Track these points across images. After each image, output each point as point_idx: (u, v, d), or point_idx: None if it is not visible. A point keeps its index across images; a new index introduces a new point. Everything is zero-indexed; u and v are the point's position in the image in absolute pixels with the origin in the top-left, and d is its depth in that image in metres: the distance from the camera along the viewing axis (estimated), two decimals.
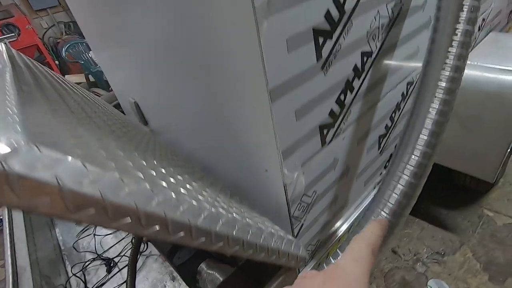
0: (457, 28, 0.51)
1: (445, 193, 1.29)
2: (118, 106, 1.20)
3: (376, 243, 0.28)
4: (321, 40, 0.45)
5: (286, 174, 0.51)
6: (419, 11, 0.66)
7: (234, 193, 0.58)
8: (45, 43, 3.96)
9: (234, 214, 0.37)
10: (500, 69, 0.93)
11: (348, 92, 0.56)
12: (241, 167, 0.61)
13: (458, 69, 0.50)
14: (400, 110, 0.80)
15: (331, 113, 0.55)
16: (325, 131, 0.55)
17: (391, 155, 0.88)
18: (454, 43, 0.51)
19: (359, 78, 0.57)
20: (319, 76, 0.48)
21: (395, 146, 0.89)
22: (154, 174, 0.32)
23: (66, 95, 0.64)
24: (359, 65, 0.56)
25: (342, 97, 0.55)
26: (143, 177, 0.27)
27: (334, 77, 0.51)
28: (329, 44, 0.46)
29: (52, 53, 4.10)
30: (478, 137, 0.97)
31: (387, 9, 0.56)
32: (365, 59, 0.56)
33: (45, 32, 4.05)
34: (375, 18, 0.54)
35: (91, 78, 3.27)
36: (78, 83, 3.55)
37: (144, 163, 0.36)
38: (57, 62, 4.01)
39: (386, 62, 0.64)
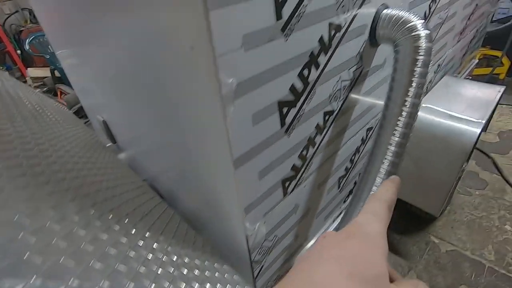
0: (411, 83, 0.57)
1: (399, 219, 1.40)
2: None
3: (391, 199, 0.30)
4: (285, 110, 0.48)
5: (247, 227, 0.54)
6: (380, 69, 0.72)
7: (199, 234, 0.60)
8: (6, 30, 3.68)
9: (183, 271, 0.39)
10: (448, 115, 1.04)
11: (310, 147, 0.60)
12: (205, 214, 0.64)
13: (412, 115, 0.56)
14: (360, 153, 0.86)
15: (293, 167, 0.58)
16: (287, 184, 0.59)
17: (350, 190, 0.95)
18: (408, 98, 0.57)
19: (321, 134, 0.62)
20: (283, 139, 0.51)
21: (355, 183, 0.96)
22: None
23: (13, 109, 0.60)
24: (321, 124, 0.60)
25: (304, 152, 0.59)
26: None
27: (297, 137, 0.55)
28: (293, 111, 0.50)
29: (14, 41, 3.82)
30: (427, 175, 1.07)
31: (348, 73, 0.61)
32: (327, 117, 0.61)
33: (7, 18, 3.76)
34: (337, 82, 0.59)
35: (57, 73, 3.08)
36: (42, 78, 3.35)
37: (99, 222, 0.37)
38: (19, 51, 3.73)
39: (348, 116, 0.69)
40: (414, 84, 0.56)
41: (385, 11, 0.60)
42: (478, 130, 0.97)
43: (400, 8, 0.59)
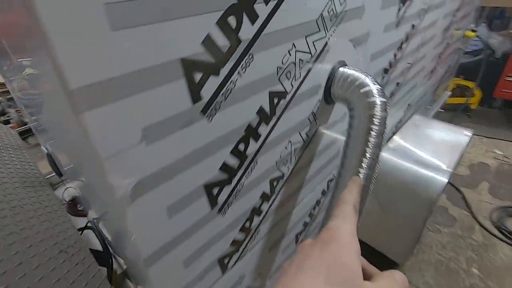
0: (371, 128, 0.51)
1: (368, 258, 1.35)
2: None
3: (356, 200, 0.33)
4: (216, 190, 0.42)
5: None
6: (339, 122, 0.67)
7: None
8: None
9: None
10: (416, 160, 1.01)
11: (255, 217, 0.54)
12: None
13: (366, 187, 0.51)
14: (320, 205, 0.81)
15: (234, 242, 0.52)
16: (226, 260, 0.52)
17: None
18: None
19: (268, 201, 0.56)
20: (216, 219, 0.44)
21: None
22: None
23: None
24: (267, 192, 0.54)
25: (247, 224, 0.53)
26: None
27: (235, 213, 0.48)
28: (227, 189, 0.44)
29: None
30: (393, 222, 1.03)
31: (300, 135, 0.55)
32: (275, 183, 0.55)
33: None
34: (286, 147, 0.53)
35: None
36: None
37: None
38: None
39: (303, 174, 0.63)
40: (368, 155, 0.51)
41: (341, 69, 0.55)
42: (446, 180, 0.94)
43: (356, 68, 0.54)
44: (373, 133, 0.50)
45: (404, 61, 0.89)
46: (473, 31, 1.58)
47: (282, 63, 0.42)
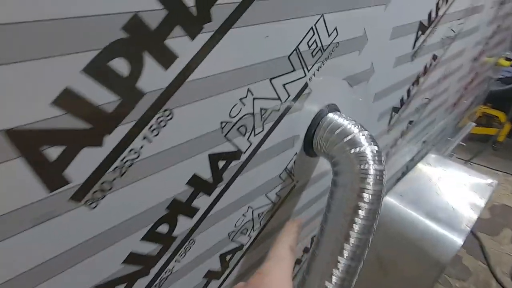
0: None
1: None
2: None
3: (293, 241, 0.33)
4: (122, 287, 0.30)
5: None
6: (325, 176, 0.54)
7: None
8: None
9: None
10: (426, 211, 0.85)
11: None
12: None
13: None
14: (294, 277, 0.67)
15: None
16: None
17: None
18: None
19: (218, 279, 0.43)
20: None
21: None
22: None
23: None
24: (216, 268, 0.41)
25: None
26: None
27: None
28: (142, 282, 0.31)
29: None
30: (394, 283, 0.87)
31: (267, 197, 0.43)
32: (228, 257, 0.42)
33: None
34: (244, 215, 0.40)
35: None
36: None
37: None
38: None
39: (271, 242, 0.50)
40: (352, 241, 0.37)
41: (330, 116, 0.42)
42: (461, 242, 0.78)
43: (350, 117, 0.41)
44: (361, 212, 0.36)
45: (421, 96, 0.75)
46: (508, 59, 1.40)
47: (230, 116, 0.30)
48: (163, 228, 0.30)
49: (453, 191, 0.92)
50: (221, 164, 0.32)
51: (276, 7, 0.28)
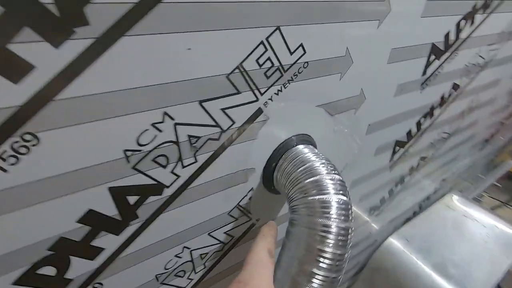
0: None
1: None
2: None
3: (271, 244, 0.30)
4: None
5: None
6: (282, 223, 0.46)
7: None
8: None
9: None
10: (435, 264, 0.73)
11: None
12: None
13: None
14: None
15: None
16: None
17: None
18: None
19: None
20: None
21: None
22: None
23: None
24: None
25: None
26: None
27: None
28: None
29: None
30: None
31: (213, 237, 0.36)
32: None
33: None
34: (178, 255, 0.34)
35: None
36: None
37: None
38: None
39: (227, 282, 0.43)
40: None
41: (298, 148, 0.35)
42: None
43: (320, 153, 0.34)
44: (316, 281, 0.29)
45: (437, 130, 0.64)
46: None
47: (139, 143, 0.24)
48: (48, 270, 0.25)
49: (472, 244, 0.78)
50: (132, 199, 0.26)
51: (199, 13, 0.22)
